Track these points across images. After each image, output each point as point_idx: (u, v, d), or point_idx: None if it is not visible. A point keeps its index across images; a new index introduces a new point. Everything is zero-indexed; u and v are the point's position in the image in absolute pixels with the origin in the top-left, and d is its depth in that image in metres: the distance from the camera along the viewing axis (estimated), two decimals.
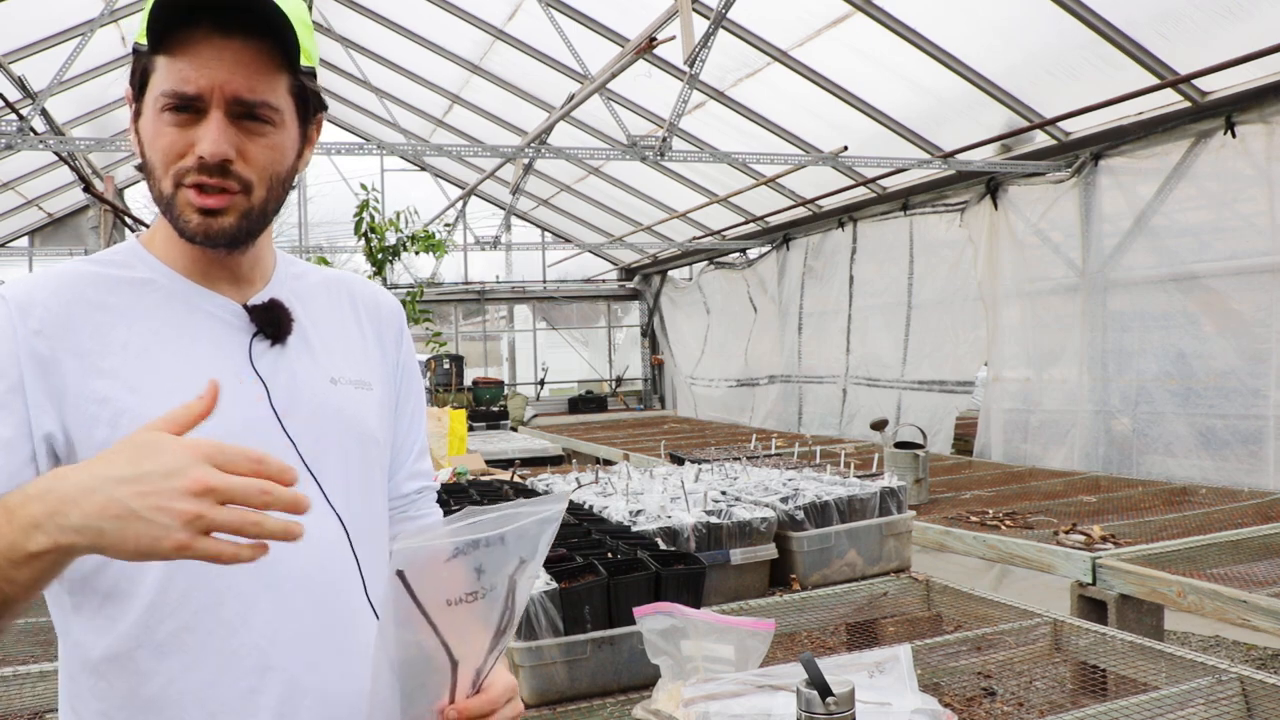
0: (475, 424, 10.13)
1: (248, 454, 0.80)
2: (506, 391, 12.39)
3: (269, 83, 1.07)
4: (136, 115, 1.10)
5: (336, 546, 1.14)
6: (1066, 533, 3.74)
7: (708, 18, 5.27)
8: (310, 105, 1.15)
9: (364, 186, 6.79)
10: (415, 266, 12.28)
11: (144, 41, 1.05)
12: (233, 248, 1.12)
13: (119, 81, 8.34)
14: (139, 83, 1.08)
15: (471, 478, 4.12)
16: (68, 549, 0.79)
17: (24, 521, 0.79)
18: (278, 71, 1.07)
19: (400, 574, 0.90)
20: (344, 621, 1.14)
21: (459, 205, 11.52)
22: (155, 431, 0.81)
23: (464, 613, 0.96)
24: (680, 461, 4.99)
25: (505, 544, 0.95)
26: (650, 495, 2.87)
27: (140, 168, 1.11)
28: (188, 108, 1.05)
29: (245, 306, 1.16)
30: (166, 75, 1.04)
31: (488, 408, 10.84)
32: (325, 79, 10.69)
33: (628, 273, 14.29)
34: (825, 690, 1.18)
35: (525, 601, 1.02)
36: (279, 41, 1.05)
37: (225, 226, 1.08)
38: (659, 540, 2.39)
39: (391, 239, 6.82)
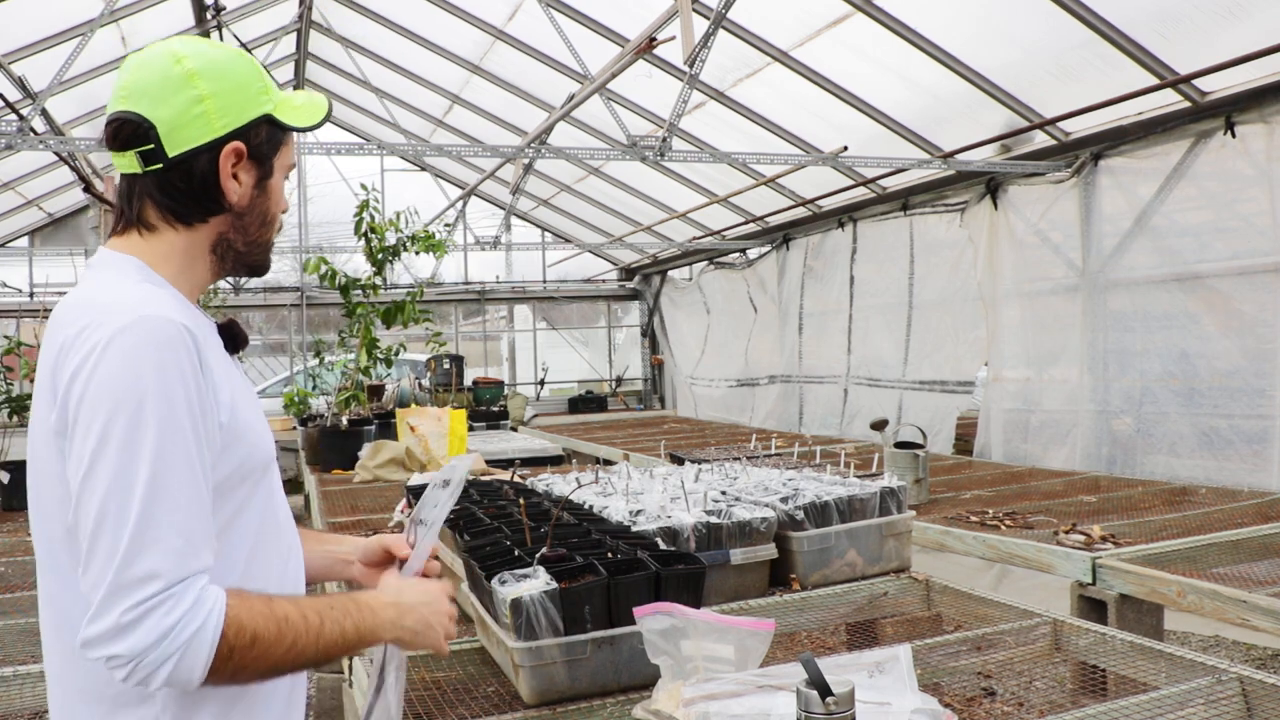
0: (475, 424, 10.11)
1: (446, 589, 1.40)
2: (506, 391, 12.38)
3: None
4: (264, 176, 1.34)
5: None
6: (1066, 533, 3.73)
7: (708, 18, 5.27)
8: None
9: (364, 186, 6.79)
10: (415, 266, 12.29)
11: (288, 120, 1.33)
12: None
13: None
14: (270, 150, 1.34)
15: (472, 477, 4.12)
16: (390, 642, 1.33)
17: (382, 620, 1.28)
18: None
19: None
20: None
21: (459, 205, 11.53)
22: (421, 582, 1.40)
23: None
24: (680, 461, 4.98)
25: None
26: (650, 495, 2.87)
27: (241, 214, 1.32)
28: None
29: (218, 325, 1.37)
30: (288, 153, 1.38)
31: (488, 408, 10.81)
32: (325, 79, 10.71)
33: (628, 273, 14.29)
34: (825, 690, 1.19)
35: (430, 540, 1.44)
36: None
37: None
38: (659, 540, 2.38)
39: (391, 239, 6.84)
